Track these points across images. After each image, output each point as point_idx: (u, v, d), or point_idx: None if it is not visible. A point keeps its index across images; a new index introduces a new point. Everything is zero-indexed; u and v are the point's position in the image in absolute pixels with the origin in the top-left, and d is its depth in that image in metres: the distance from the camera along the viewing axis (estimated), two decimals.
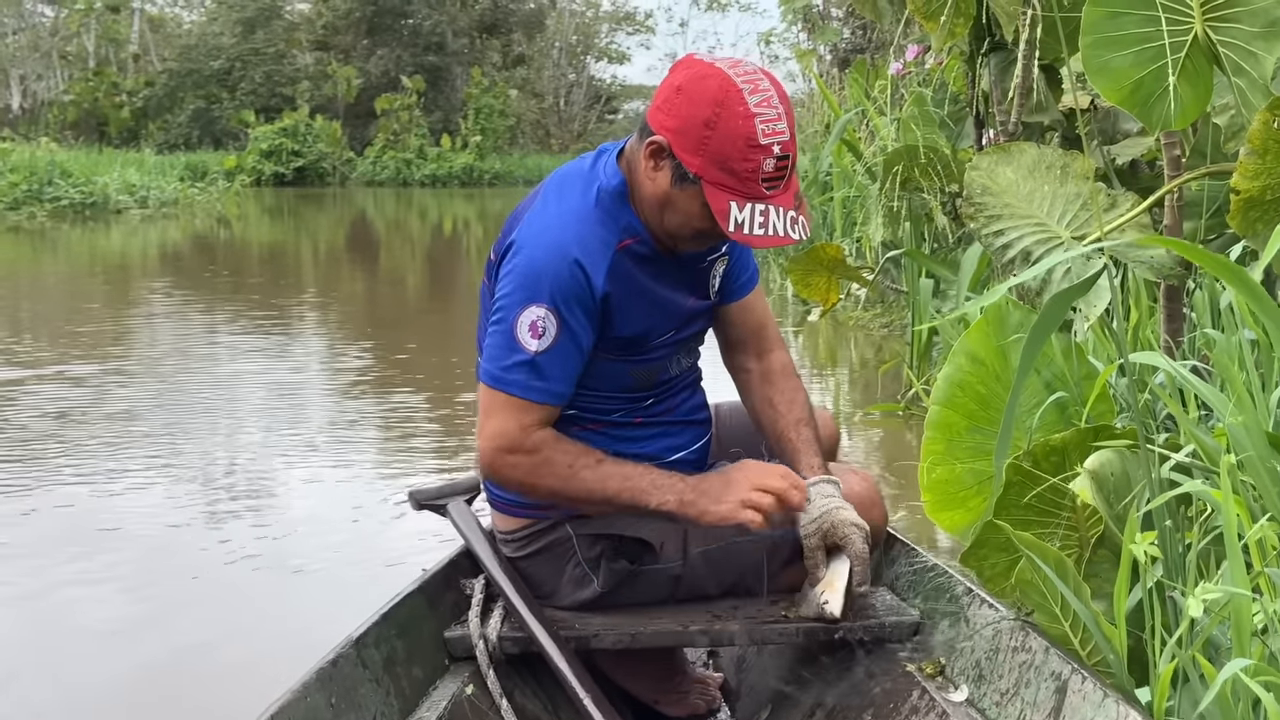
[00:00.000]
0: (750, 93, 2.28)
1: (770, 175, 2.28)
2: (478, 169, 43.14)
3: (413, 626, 2.46)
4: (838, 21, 20.07)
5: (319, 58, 48.36)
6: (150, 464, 5.62)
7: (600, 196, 2.45)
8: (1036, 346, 2.23)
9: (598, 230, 2.42)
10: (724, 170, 2.27)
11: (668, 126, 2.33)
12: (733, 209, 2.28)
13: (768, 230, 2.31)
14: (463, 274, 15.33)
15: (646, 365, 2.55)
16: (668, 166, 2.35)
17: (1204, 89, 2.92)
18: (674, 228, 2.41)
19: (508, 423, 2.40)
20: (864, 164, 9.65)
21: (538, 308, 2.36)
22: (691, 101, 2.29)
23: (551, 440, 2.42)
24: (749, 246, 2.53)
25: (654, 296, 2.49)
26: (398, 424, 6.47)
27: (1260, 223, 2.68)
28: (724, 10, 59.11)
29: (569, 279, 2.37)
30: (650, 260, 2.47)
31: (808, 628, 2.51)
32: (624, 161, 2.48)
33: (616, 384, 2.53)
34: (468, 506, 2.86)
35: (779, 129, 2.28)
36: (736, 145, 2.26)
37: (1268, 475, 1.87)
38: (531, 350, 2.37)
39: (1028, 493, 2.49)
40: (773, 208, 2.30)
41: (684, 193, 2.34)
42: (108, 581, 4.12)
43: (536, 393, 2.39)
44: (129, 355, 8.73)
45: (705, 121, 2.27)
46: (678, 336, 2.58)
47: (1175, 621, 2.11)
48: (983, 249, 4.25)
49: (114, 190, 25.04)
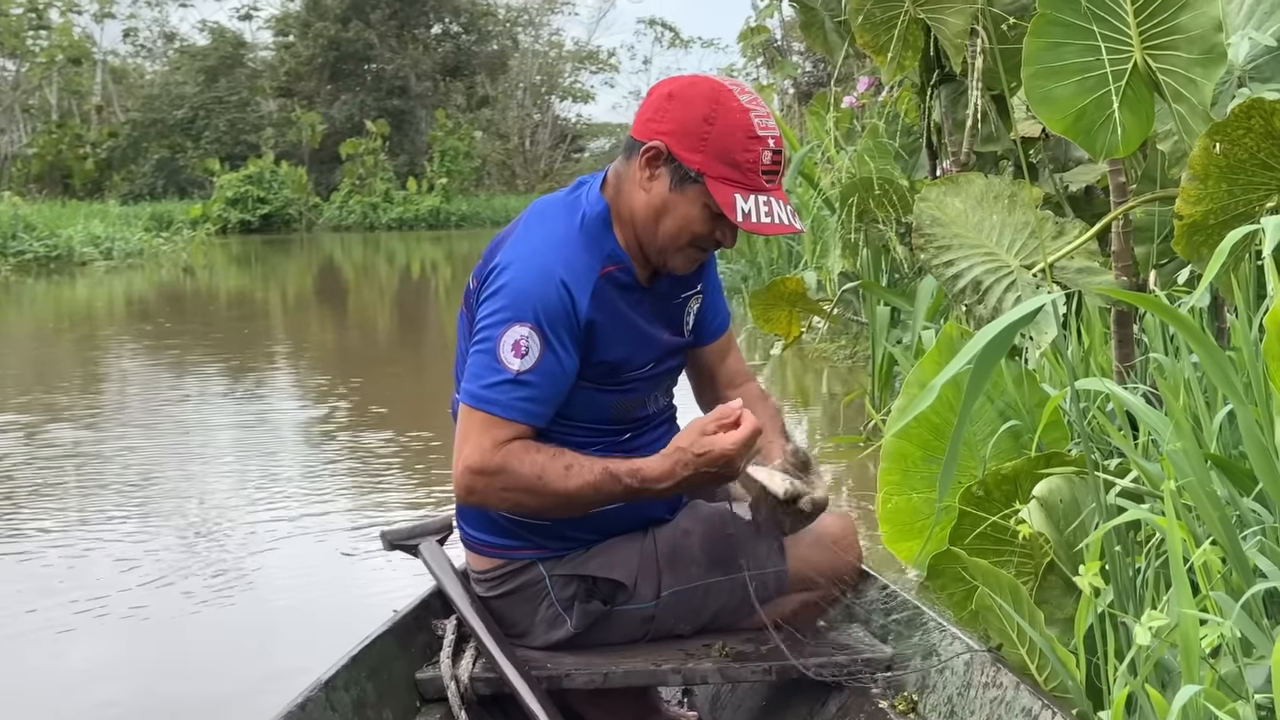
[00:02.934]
0: (739, 92, 2.37)
1: (768, 167, 2.35)
2: (444, 211, 43.11)
3: (383, 668, 2.45)
4: (798, 56, 20.22)
5: (283, 104, 48.42)
6: (120, 507, 5.58)
7: (585, 222, 2.47)
8: (983, 377, 2.24)
9: (582, 255, 2.44)
10: (727, 164, 2.32)
11: (664, 131, 2.37)
12: (738, 201, 2.33)
13: (774, 219, 2.35)
14: (432, 316, 15.31)
15: (626, 398, 2.55)
16: (665, 171, 2.38)
17: (1146, 116, 2.95)
18: (670, 235, 2.42)
19: (482, 441, 2.38)
20: (820, 195, 9.69)
21: (522, 327, 2.37)
22: (687, 103, 2.36)
23: (518, 451, 2.38)
24: (758, 234, 2.55)
25: (634, 326, 2.51)
26: (368, 466, 6.43)
27: (1204, 247, 2.71)
28: (686, 47, 59.53)
29: (555, 301, 2.38)
30: (630, 290, 2.49)
31: (781, 666, 2.51)
32: (608, 189, 2.50)
33: (596, 415, 2.52)
34: (439, 546, 2.85)
35: (770, 124, 2.37)
36: (737, 137, 2.32)
37: (1207, 499, 1.88)
38: (514, 370, 2.36)
39: (981, 521, 2.50)
40: (774, 199, 2.36)
41: (684, 195, 2.38)
42: (74, 625, 4.09)
43: (516, 411, 2.38)
44: (96, 405, 8.67)
45: (704, 118, 2.33)
46: (655, 370, 2.58)
47: (1128, 645, 2.12)
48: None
49: (78, 242, 24.90)
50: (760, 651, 2.55)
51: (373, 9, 47.20)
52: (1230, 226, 2.44)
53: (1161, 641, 1.83)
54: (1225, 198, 2.60)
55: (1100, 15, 2.85)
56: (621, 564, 2.59)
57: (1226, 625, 1.66)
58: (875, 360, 6.71)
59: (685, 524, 2.66)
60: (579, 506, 2.45)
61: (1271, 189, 2.59)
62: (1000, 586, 2.21)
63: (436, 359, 9.98)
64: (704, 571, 2.61)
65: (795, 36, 19.50)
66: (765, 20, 16.86)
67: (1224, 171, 2.56)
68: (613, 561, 2.59)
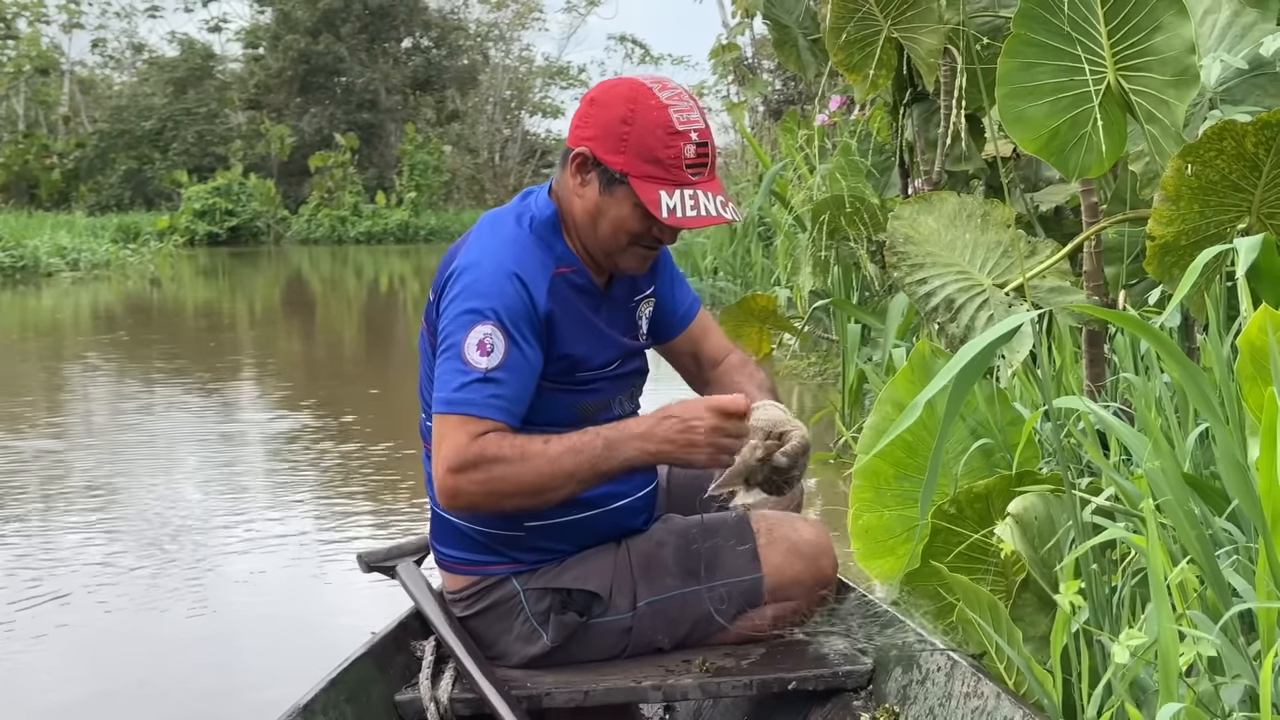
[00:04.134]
0: (660, 89, 2.39)
1: (693, 161, 2.36)
2: (413, 225, 42.95)
3: (362, 691, 2.43)
4: (769, 73, 20.29)
5: (252, 116, 48.16)
6: (87, 525, 5.54)
7: (534, 225, 2.50)
8: (961, 396, 2.25)
9: (535, 253, 2.47)
10: (648, 161, 2.34)
11: (587, 136, 2.41)
12: (663, 197, 2.35)
13: (700, 211, 2.36)
14: (400, 329, 15.26)
15: (590, 399, 2.55)
16: (594, 175, 2.41)
17: (1118, 137, 2.97)
18: (608, 238, 2.44)
19: (458, 439, 2.37)
20: (791, 213, 9.72)
21: (484, 325, 2.38)
22: (605, 107, 2.40)
23: (495, 439, 2.37)
24: (684, 229, 2.48)
25: (592, 325, 2.52)
26: (338, 480, 6.40)
27: (1176, 267, 2.72)
28: (657, 64, 59.57)
29: (513, 295, 2.39)
30: (587, 293, 2.51)
31: (761, 680, 2.51)
32: (554, 196, 2.53)
33: (561, 418, 2.50)
34: (417, 567, 2.85)
35: (693, 118, 2.38)
36: (656, 134, 2.34)
37: (1185, 518, 1.89)
38: (482, 368, 2.37)
39: (954, 539, 2.51)
40: (701, 192, 2.37)
41: (614, 197, 2.40)
42: (41, 647, 4.04)
43: (489, 409, 2.37)
44: (59, 417, 8.61)
45: (622, 119, 2.36)
46: (619, 370, 2.60)
47: (1104, 662, 2.13)
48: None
49: (44, 253, 24.76)
50: (741, 666, 2.55)
51: (343, 22, 47.06)
52: (1202, 247, 2.46)
53: (1138, 660, 1.84)
54: (1197, 219, 2.62)
55: (1074, 36, 2.87)
56: (595, 575, 2.59)
57: (1207, 643, 1.67)
58: (846, 378, 6.73)
59: (659, 535, 2.67)
60: (563, 477, 2.39)
61: (1243, 210, 2.61)
62: (979, 603, 2.21)
63: (405, 372, 9.95)
64: (679, 581, 2.61)
65: (766, 54, 19.59)
66: (736, 38, 16.91)
67: (1196, 193, 2.58)
68: (586, 573, 2.59)
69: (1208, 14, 3.22)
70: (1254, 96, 3.09)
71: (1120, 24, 2.81)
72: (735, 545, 2.64)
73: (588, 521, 2.59)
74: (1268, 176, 2.52)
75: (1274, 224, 2.61)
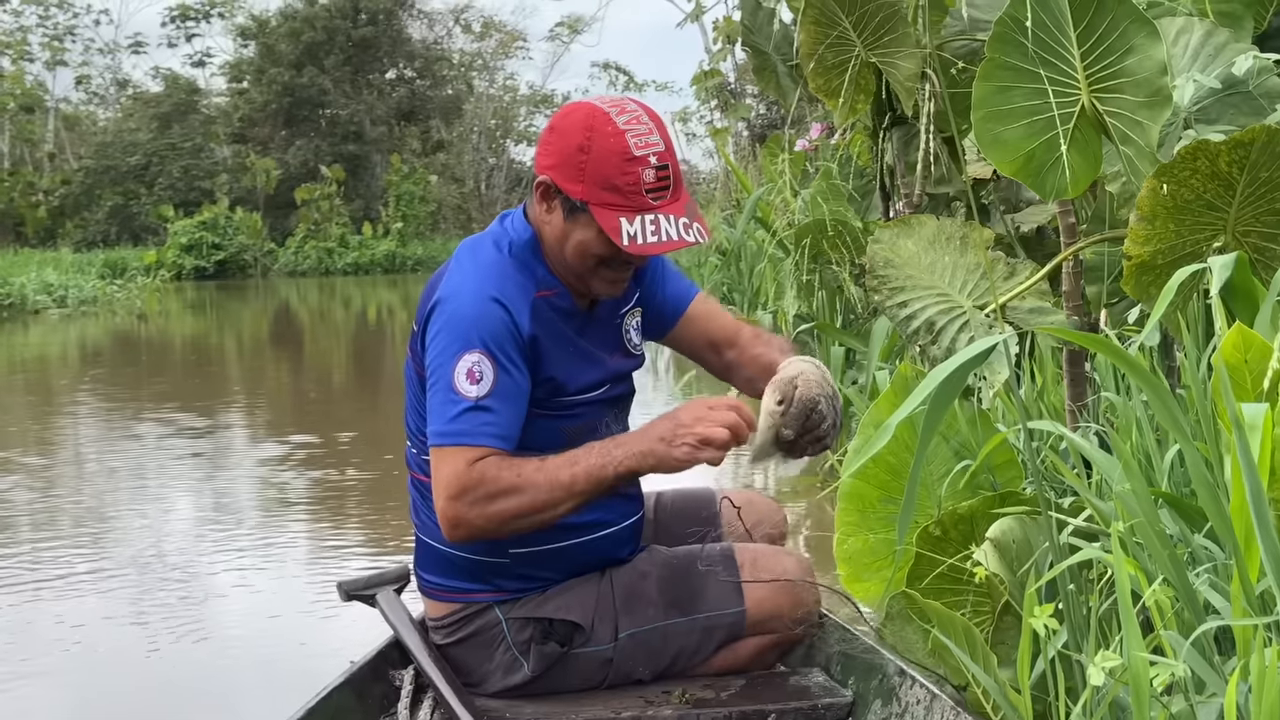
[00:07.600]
0: (618, 114, 2.37)
1: (653, 185, 2.34)
2: (400, 255, 42.99)
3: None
4: (751, 99, 20.35)
5: (237, 150, 48.18)
6: (74, 555, 5.50)
7: (514, 249, 2.51)
8: (937, 416, 2.25)
9: (515, 277, 2.47)
10: (607, 189, 2.33)
11: (547, 165, 2.41)
12: (623, 224, 2.33)
13: (660, 237, 2.35)
14: (388, 360, 15.23)
15: (577, 423, 2.55)
16: (558, 203, 2.41)
17: (1094, 158, 2.99)
18: (577, 263, 2.45)
19: (456, 467, 2.36)
20: (774, 237, 9.75)
21: (471, 354, 2.38)
22: (563, 135, 2.39)
23: (494, 462, 2.37)
24: (648, 256, 2.43)
25: (577, 346, 2.53)
26: (324, 510, 6.38)
27: (1153, 286, 2.73)
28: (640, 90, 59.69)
29: (497, 321, 2.40)
30: (570, 315, 2.52)
31: (741, 711, 2.50)
32: (530, 220, 2.54)
33: (550, 443, 2.49)
34: (397, 596, 2.84)
35: (652, 141, 2.36)
36: (613, 162, 2.33)
37: (1157, 539, 1.90)
38: (473, 397, 2.37)
39: (938, 562, 2.52)
40: (662, 216, 2.35)
41: (577, 224, 2.40)
42: (29, 679, 4.03)
43: (483, 437, 2.37)
44: (48, 450, 8.58)
45: (579, 147, 2.35)
46: (607, 394, 2.60)
47: (1081, 684, 2.13)
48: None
49: (31, 290, 24.73)
50: (720, 698, 2.55)
51: (326, 55, 47.12)
52: (1178, 266, 2.47)
53: (1116, 681, 1.84)
54: (1173, 238, 2.63)
55: (1048, 59, 2.89)
56: (578, 605, 2.59)
57: (1178, 666, 1.68)
58: None
59: (643, 566, 2.67)
60: (562, 490, 2.38)
61: (1218, 229, 2.62)
62: (955, 630, 2.22)
63: (393, 401, 9.94)
64: (661, 613, 2.60)
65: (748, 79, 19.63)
66: (718, 64, 16.98)
67: (1171, 212, 2.59)
68: (569, 603, 2.58)
69: (1180, 34, 3.23)
70: (1228, 116, 3.11)
71: (1093, 46, 2.83)
72: (719, 578, 2.64)
73: (572, 549, 2.58)
74: (1242, 195, 2.54)
75: (1249, 242, 2.62)
